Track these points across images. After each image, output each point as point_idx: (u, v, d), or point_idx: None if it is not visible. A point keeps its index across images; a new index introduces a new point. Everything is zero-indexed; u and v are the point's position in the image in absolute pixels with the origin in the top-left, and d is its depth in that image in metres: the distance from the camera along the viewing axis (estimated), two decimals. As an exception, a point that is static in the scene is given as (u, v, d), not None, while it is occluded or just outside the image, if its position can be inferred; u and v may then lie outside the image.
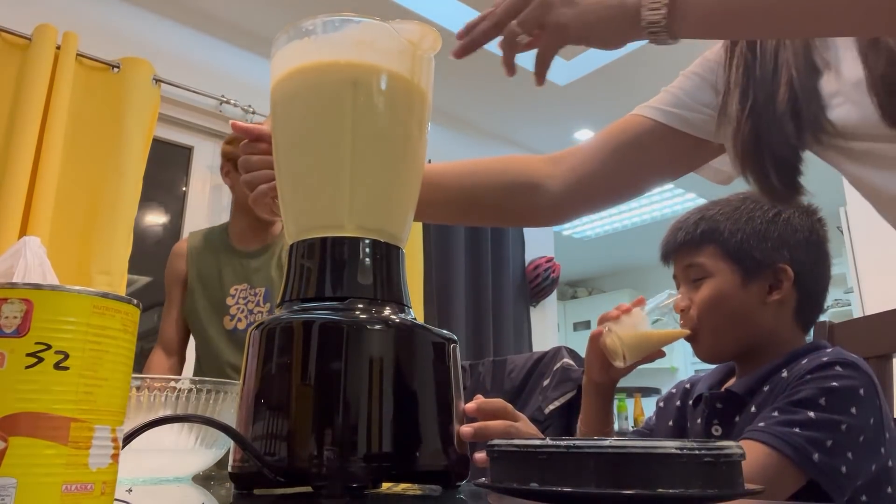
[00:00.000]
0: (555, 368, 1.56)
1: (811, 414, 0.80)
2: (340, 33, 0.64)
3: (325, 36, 0.64)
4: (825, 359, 0.86)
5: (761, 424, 0.82)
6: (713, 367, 1.08)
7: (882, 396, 0.87)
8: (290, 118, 0.65)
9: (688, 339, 0.98)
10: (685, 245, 1.02)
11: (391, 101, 0.64)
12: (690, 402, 1.02)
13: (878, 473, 0.83)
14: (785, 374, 0.89)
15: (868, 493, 0.83)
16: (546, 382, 1.55)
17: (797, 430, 0.79)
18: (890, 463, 0.85)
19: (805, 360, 0.88)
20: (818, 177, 0.83)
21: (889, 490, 0.85)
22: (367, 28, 0.64)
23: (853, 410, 0.81)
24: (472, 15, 0.74)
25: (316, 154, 0.63)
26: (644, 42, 0.68)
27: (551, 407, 1.49)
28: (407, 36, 0.64)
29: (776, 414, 0.82)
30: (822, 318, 1.09)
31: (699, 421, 0.97)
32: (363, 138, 0.62)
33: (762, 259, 0.95)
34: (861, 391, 0.83)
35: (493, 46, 0.76)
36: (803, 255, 0.96)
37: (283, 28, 0.65)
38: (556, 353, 1.61)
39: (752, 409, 0.91)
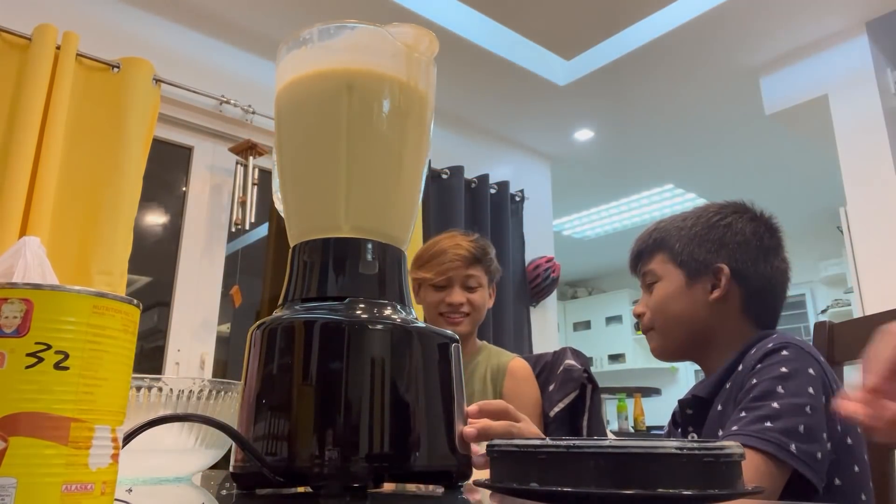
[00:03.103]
0: (558, 371, 1.56)
1: (775, 405, 0.84)
2: (336, 40, 0.65)
3: (321, 43, 0.65)
4: (770, 345, 0.91)
5: (734, 428, 0.85)
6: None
7: (829, 373, 0.91)
8: (291, 126, 0.66)
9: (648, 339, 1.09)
10: (641, 255, 1.12)
11: (387, 104, 0.64)
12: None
13: (840, 453, 0.87)
14: (740, 367, 0.94)
15: (839, 474, 0.86)
16: (552, 387, 1.55)
17: (768, 424, 0.82)
18: (849, 440, 0.89)
19: (753, 350, 0.94)
20: (818, 177, 0.84)
21: (857, 469, 0.88)
22: (362, 33, 0.64)
23: (810, 391, 0.85)
24: (472, 15, 0.74)
25: (314, 158, 0.64)
26: (644, 42, 0.67)
27: (556, 409, 1.49)
28: (402, 39, 0.64)
29: (744, 414, 0.85)
30: (823, 317, 1.11)
31: (679, 430, 1.03)
32: (358, 141, 0.63)
33: (702, 260, 1.04)
34: (810, 370, 0.88)
35: (492, 45, 0.76)
36: (742, 255, 1.03)
37: (283, 39, 0.66)
38: (561, 354, 1.61)
39: (718, 406, 0.95)
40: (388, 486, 0.63)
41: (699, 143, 3.99)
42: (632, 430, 5.10)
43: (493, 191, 3.54)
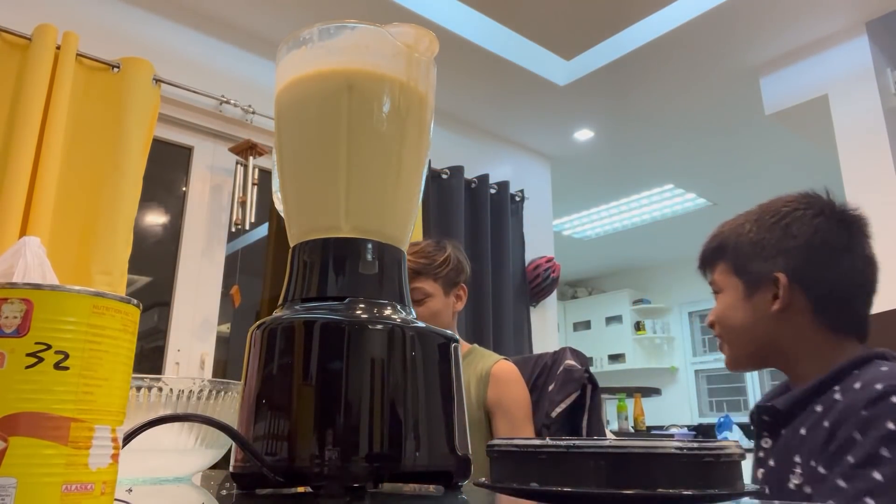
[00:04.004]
0: (558, 372, 1.56)
1: (877, 475, 0.76)
2: (335, 40, 0.65)
3: (321, 43, 0.65)
4: (879, 387, 0.81)
5: (831, 503, 0.78)
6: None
7: None
8: (291, 126, 0.66)
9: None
10: (703, 262, 1.07)
11: (387, 104, 0.64)
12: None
13: None
14: (838, 396, 0.85)
15: None
16: (552, 388, 1.55)
17: (868, 500, 0.75)
18: None
19: (858, 385, 0.84)
20: (818, 177, 0.84)
21: None
22: (362, 33, 0.64)
23: None
24: (472, 15, 0.74)
25: (314, 158, 0.64)
26: (644, 42, 0.67)
27: (557, 410, 1.49)
28: (402, 39, 0.64)
29: (843, 484, 0.78)
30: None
31: (753, 429, 0.99)
32: (358, 141, 0.63)
33: (758, 271, 0.97)
34: None
35: (492, 45, 0.76)
36: (802, 260, 0.95)
37: (283, 39, 0.66)
38: (560, 354, 1.61)
39: (802, 430, 0.88)
40: (387, 486, 0.63)
41: (699, 142, 3.99)
42: (632, 430, 5.10)
43: (493, 191, 3.54)
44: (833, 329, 0.95)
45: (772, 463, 0.93)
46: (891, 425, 0.78)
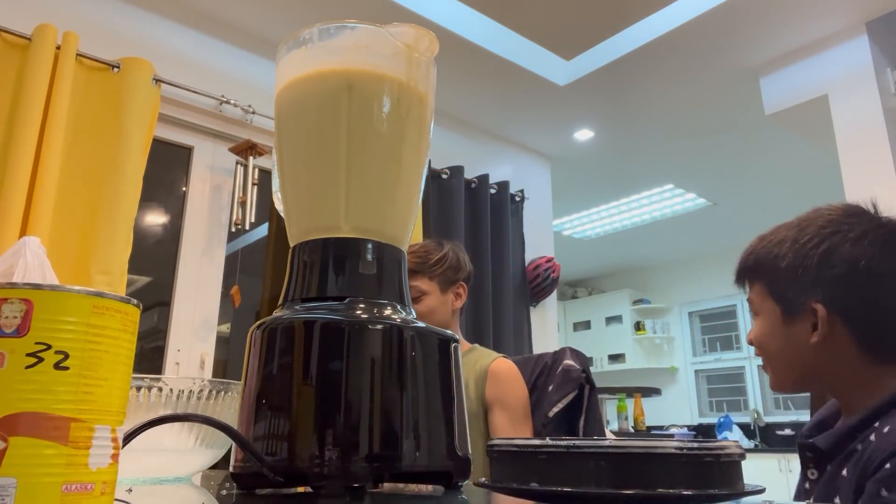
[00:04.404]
0: (557, 372, 1.56)
1: None
2: (335, 40, 0.65)
3: (321, 43, 0.65)
4: None
5: None
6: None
7: None
8: (291, 126, 0.66)
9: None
10: (739, 277, 1.00)
11: (386, 104, 0.64)
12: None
13: None
14: (873, 437, 0.81)
15: None
16: (550, 388, 1.55)
17: None
18: None
19: (887, 430, 0.79)
20: (818, 177, 0.83)
21: None
22: (362, 33, 0.64)
23: None
24: (472, 15, 0.74)
25: (314, 158, 0.64)
26: (644, 42, 0.68)
27: (555, 410, 1.49)
28: (402, 39, 0.64)
29: None
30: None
31: (800, 460, 0.94)
32: (358, 141, 0.63)
33: (796, 298, 0.90)
34: None
35: (492, 45, 0.76)
36: (842, 290, 0.88)
37: (283, 39, 0.66)
38: (560, 354, 1.61)
39: (844, 472, 0.83)
40: (387, 486, 0.63)
41: (699, 143, 3.99)
42: (632, 430, 5.10)
43: (493, 191, 3.54)
44: (878, 359, 0.88)
45: (812, 499, 0.90)
46: None
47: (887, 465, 0.74)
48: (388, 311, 0.60)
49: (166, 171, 2.74)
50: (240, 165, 2.73)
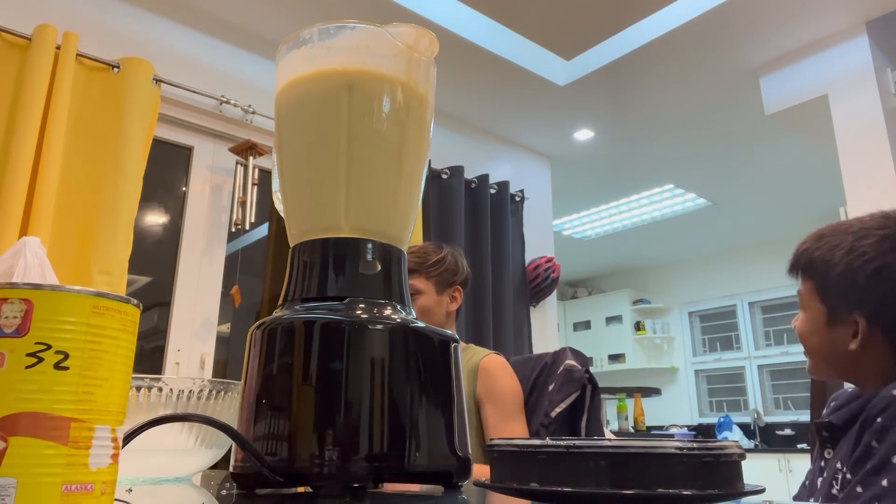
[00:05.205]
0: (558, 371, 1.56)
1: (884, 483, 0.77)
2: (335, 40, 0.65)
3: (321, 43, 0.65)
4: (894, 392, 0.82)
5: None
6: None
7: None
8: (291, 126, 0.66)
9: None
10: (793, 269, 1.06)
11: (387, 104, 0.64)
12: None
13: None
14: (876, 400, 0.87)
15: None
16: (551, 387, 1.55)
17: None
18: None
19: (886, 391, 0.84)
20: (818, 177, 0.83)
21: None
22: (362, 33, 0.64)
23: None
24: (472, 15, 0.74)
25: (314, 158, 0.64)
26: (644, 42, 0.68)
27: (557, 410, 1.49)
28: (402, 39, 0.64)
29: (859, 489, 0.80)
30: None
31: (817, 445, 1.01)
32: (359, 141, 0.63)
33: (841, 307, 0.96)
34: None
35: (492, 45, 0.76)
36: (885, 308, 0.93)
37: (283, 39, 0.67)
38: (560, 354, 1.61)
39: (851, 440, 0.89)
40: (387, 486, 0.63)
41: (699, 142, 3.99)
42: (632, 430, 5.10)
43: (493, 191, 3.55)
44: None
45: (826, 473, 0.96)
46: None
47: (879, 419, 0.81)
48: (388, 312, 0.60)
49: (166, 171, 2.74)
50: (240, 165, 2.73)
